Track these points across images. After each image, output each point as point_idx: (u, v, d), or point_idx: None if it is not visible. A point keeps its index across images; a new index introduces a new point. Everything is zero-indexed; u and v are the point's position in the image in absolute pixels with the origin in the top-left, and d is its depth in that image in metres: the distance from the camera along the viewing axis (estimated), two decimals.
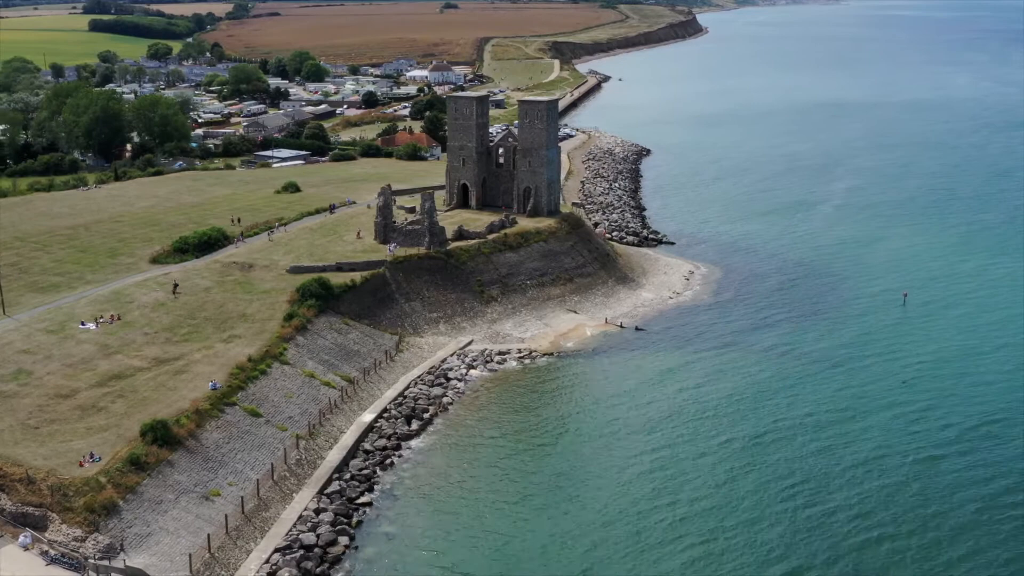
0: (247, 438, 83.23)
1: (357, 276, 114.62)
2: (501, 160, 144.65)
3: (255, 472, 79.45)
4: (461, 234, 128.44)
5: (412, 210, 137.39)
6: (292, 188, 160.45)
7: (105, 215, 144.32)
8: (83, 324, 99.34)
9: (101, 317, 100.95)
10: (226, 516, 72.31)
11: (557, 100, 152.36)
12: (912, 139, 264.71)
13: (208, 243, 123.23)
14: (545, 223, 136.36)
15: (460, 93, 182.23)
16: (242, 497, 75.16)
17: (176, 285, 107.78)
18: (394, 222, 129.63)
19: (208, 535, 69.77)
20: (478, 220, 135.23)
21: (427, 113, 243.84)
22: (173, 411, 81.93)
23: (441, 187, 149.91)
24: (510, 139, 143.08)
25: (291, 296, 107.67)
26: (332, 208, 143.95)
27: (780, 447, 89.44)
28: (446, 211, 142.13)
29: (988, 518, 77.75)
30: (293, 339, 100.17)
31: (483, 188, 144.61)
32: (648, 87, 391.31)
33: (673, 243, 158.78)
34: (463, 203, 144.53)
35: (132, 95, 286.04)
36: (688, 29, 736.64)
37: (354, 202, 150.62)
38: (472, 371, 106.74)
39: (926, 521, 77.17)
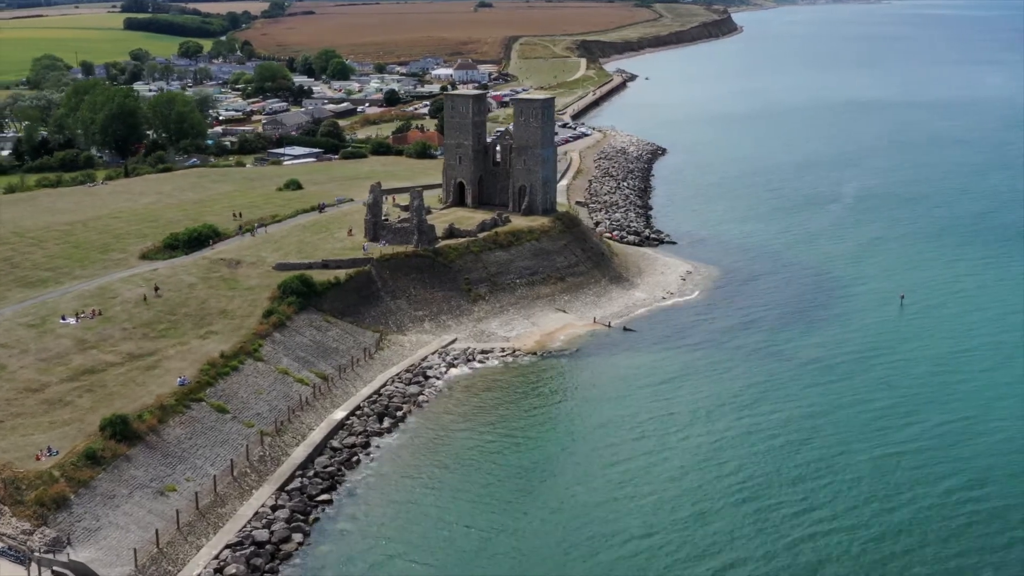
0: (211, 434, 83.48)
1: (342, 273, 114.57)
2: (498, 158, 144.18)
3: (215, 468, 79.66)
4: (452, 232, 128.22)
5: (408, 208, 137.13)
6: (294, 186, 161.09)
7: (105, 211, 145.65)
8: (63, 319, 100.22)
9: (82, 312, 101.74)
10: (177, 511, 72.56)
11: (552, 99, 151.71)
12: (932, 139, 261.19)
13: (198, 239, 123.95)
14: (539, 222, 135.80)
15: (456, 91, 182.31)
16: (196, 493, 75.35)
17: (157, 288, 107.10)
18: (386, 219, 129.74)
19: (156, 530, 69.98)
20: (472, 218, 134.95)
21: (441, 111, 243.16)
22: (138, 406, 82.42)
23: (439, 185, 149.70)
24: (507, 137, 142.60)
25: (272, 293, 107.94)
26: (321, 207, 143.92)
27: (753, 449, 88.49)
28: (442, 209, 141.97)
29: (982, 522, 76.56)
30: (270, 336, 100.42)
31: (480, 186, 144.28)
32: (674, 86, 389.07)
33: (675, 243, 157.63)
34: (459, 201, 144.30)
35: (156, 92, 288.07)
36: (722, 28, 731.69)
37: (351, 200, 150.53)
38: (452, 369, 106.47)
39: (905, 523, 76.14)
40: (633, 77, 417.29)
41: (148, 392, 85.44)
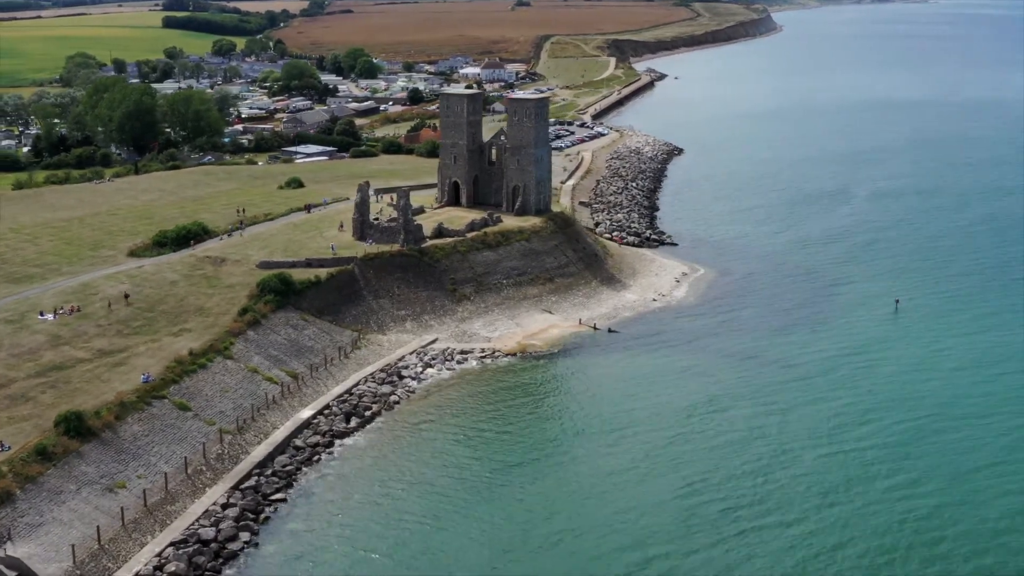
0: (169, 431, 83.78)
1: (323, 272, 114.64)
2: (493, 158, 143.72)
3: (169, 466, 79.94)
4: (441, 232, 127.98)
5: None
6: (295, 184, 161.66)
7: (104, 208, 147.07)
8: (42, 315, 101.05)
9: (61, 308, 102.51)
10: (122, 508, 72.88)
11: (547, 98, 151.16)
12: (960, 140, 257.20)
13: (187, 237, 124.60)
14: (530, 222, 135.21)
15: (451, 90, 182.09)
16: (144, 490, 75.63)
17: (127, 295, 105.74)
18: (376, 219, 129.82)
19: (98, 527, 70.29)
20: (463, 218, 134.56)
21: None
22: (98, 403, 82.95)
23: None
24: (502, 137, 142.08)
25: (251, 291, 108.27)
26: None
27: (722, 455, 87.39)
28: (436, 208, 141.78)
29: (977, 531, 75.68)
30: (243, 334, 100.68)
31: (475, 186, 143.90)
32: (703, 85, 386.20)
33: (676, 244, 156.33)
34: (454, 201, 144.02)
35: (184, 90, 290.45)
36: (760, 27, 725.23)
37: (347, 199, 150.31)
38: (429, 370, 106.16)
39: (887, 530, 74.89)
40: (662, 76, 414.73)
41: (111, 389, 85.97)
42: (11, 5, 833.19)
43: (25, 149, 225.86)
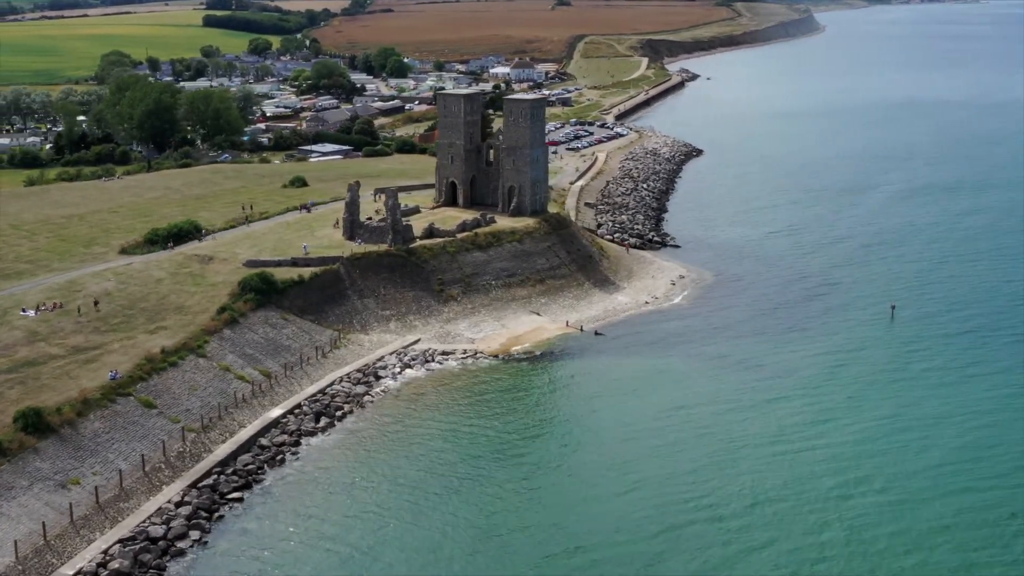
0: (131, 429, 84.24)
1: (307, 271, 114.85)
2: (491, 158, 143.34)
3: (127, 463, 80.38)
4: (432, 232, 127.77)
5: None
6: (299, 183, 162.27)
7: (106, 205, 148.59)
8: (24, 311, 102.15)
9: (43, 305, 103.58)
10: (71, 504, 73.34)
11: (544, 99, 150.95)
12: (984, 139, 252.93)
13: (179, 235, 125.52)
14: (523, 223, 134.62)
15: (448, 90, 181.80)
16: (96, 487, 76.09)
17: (96, 302, 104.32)
18: (370, 219, 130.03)
19: (44, 523, 70.78)
20: (457, 219, 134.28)
21: None
22: (62, 399, 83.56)
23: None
24: (499, 137, 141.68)
25: (232, 290, 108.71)
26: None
27: (691, 461, 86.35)
28: (432, 209, 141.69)
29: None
30: (219, 332, 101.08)
31: (473, 187, 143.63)
32: (735, 86, 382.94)
33: (678, 247, 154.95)
34: (452, 201, 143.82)
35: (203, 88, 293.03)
36: (801, 28, 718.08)
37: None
38: (408, 370, 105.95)
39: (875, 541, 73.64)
40: (694, 77, 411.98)
41: (78, 386, 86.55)
42: (60, 4, 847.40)
43: (48, 147, 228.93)
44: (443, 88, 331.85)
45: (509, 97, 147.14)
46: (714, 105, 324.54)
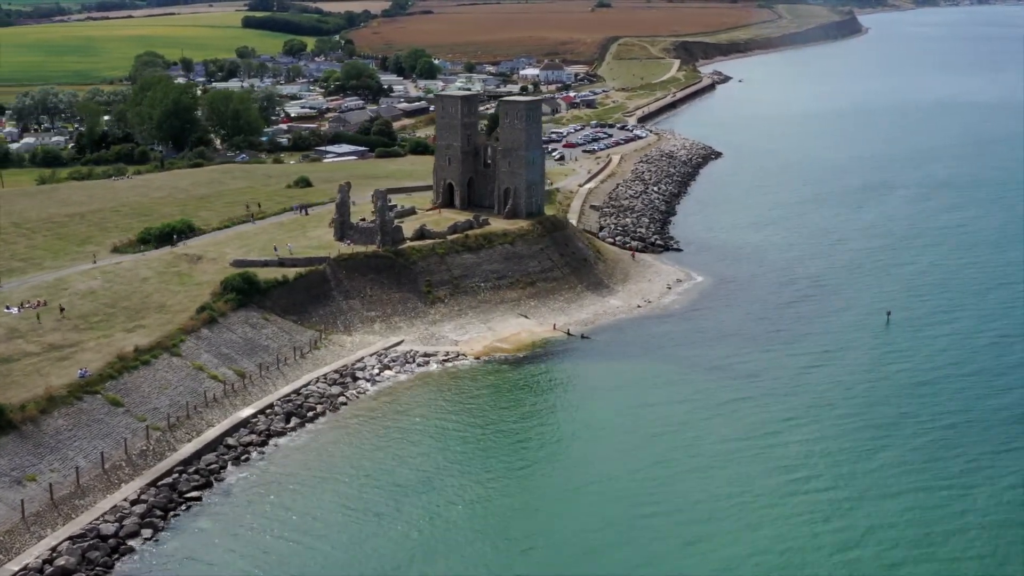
0: (95, 427, 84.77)
1: (291, 272, 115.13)
2: (489, 160, 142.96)
3: (87, 460, 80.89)
4: (423, 234, 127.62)
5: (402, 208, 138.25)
6: (303, 183, 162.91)
7: (109, 205, 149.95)
8: (7, 308, 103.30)
9: (28, 303, 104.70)
10: (22, 501, 73.88)
11: (539, 101, 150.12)
12: (1010, 140, 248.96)
13: (171, 234, 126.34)
14: (517, 225, 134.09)
15: (446, 92, 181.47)
16: (51, 484, 76.61)
17: (63, 309, 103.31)
18: (363, 220, 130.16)
19: None
20: (450, 220, 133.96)
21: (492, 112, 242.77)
22: (29, 396, 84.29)
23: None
24: (495, 140, 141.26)
25: (214, 289, 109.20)
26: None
27: (672, 469, 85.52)
28: (428, 210, 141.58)
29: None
30: (196, 331, 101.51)
31: (470, 188, 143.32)
32: (766, 88, 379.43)
33: (681, 250, 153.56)
34: (449, 203, 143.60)
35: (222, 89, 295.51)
36: (843, 29, 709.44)
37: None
38: (387, 372, 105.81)
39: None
40: (726, 79, 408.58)
41: (47, 383, 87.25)
42: (107, 5, 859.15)
43: (71, 146, 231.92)
44: (469, 89, 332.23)
45: (505, 99, 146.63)
46: (742, 107, 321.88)
